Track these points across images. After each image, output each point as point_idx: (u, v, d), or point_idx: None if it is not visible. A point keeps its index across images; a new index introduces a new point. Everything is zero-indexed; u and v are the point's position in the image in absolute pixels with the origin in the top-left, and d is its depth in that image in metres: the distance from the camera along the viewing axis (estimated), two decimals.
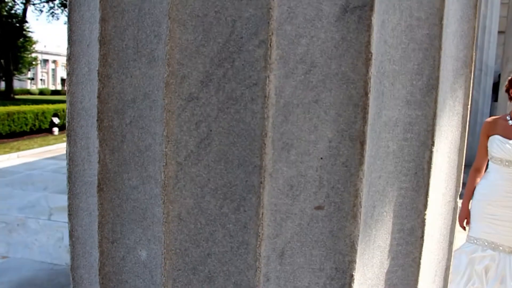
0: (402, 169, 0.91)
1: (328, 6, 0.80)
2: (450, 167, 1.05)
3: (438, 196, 1.03)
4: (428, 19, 0.89)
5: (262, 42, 0.79)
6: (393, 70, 0.86)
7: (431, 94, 0.90)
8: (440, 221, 1.06)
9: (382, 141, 0.87)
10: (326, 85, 0.81)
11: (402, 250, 0.95)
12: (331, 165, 0.83)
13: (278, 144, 0.82)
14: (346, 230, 0.85)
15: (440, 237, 1.07)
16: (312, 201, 0.84)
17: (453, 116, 1.03)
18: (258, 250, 0.84)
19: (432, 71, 0.90)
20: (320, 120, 0.82)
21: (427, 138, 0.91)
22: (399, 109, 0.88)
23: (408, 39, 0.88)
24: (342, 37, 0.81)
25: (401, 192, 0.92)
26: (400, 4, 0.86)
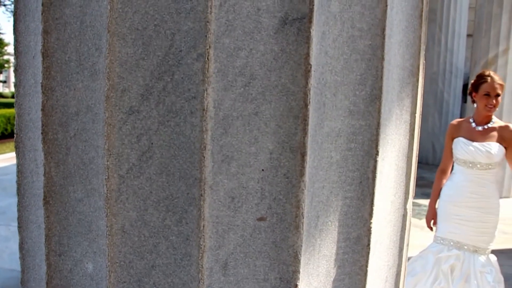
0: (346, 178, 0.92)
1: (267, 19, 0.81)
2: (398, 174, 1.06)
3: (386, 203, 1.05)
4: (370, 29, 0.90)
5: (200, 55, 0.79)
6: (335, 81, 0.87)
7: (374, 104, 0.91)
8: (389, 228, 1.07)
9: (324, 152, 0.87)
10: (266, 97, 0.82)
11: (349, 258, 0.96)
12: (273, 177, 0.84)
13: (218, 156, 0.82)
14: (289, 240, 0.86)
15: (390, 243, 1.08)
16: (254, 213, 0.85)
17: (401, 125, 1.04)
18: (201, 261, 0.84)
19: (375, 81, 0.91)
20: (261, 132, 0.82)
21: (371, 147, 0.92)
22: (342, 119, 0.89)
23: (350, 50, 0.88)
24: (281, 49, 0.81)
25: (346, 201, 0.93)
26: (341, 15, 0.87)
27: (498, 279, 3.21)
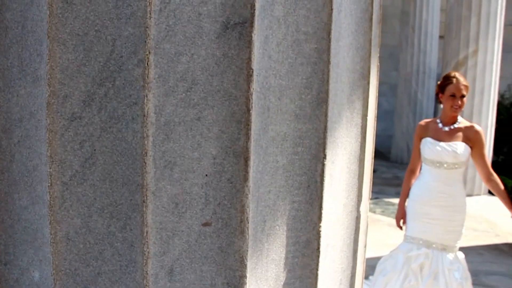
0: (293, 182, 0.92)
1: (209, 23, 0.81)
2: (350, 177, 1.07)
3: (338, 206, 1.05)
4: (316, 33, 0.90)
5: (140, 61, 0.79)
6: (279, 85, 0.87)
7: (321, 108, 0.92)
8: (342, 230, 1.08)
9: (270, 156, 0.88)
10: (208, 102, 0.82)
11: (299, 262, 0.96)
12: (217, 182, 0.84)
13: (160, 162, 0.81)
14: (235, 245, 0.86)
15: (344, 246, 1.09)
16: (199, 218, 0.84)
17: (352, 128, 1.05)
18: (145, 268, 0.83)
19: (321, 84, 0.91)
20: (203, 137, 0.82)
21: (319, 151, 0.93)
22: (288, 123, 0.89)
23: (295, 54, 0.89)
24: (223, 53, 0.81)
25: (294, 205, 0.93)
26: (285, 19, 0.87)
27: (465, 275, 3.26)
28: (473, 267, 5.14)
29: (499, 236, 6.26)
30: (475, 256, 5.52)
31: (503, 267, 5.13)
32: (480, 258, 5.44)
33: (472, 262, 5.32)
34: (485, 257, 5.48)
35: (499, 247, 5.84)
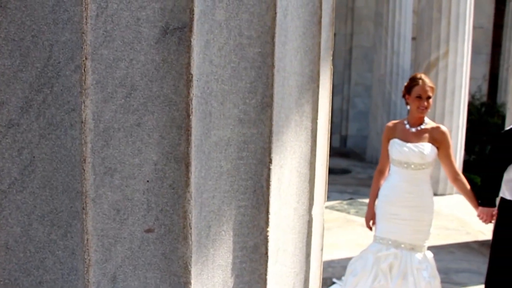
0: (239, 187, 0.92)
1: (148, 28, 0.80)
2: (301, 181, 1.07)
3: (289, 211, 1.05)
4: (260, 37, 0.90)
5: (77, 67, 0.78)
6: (222, 89, 0.87)
7: (266, 112, 0.92)
8: (293, 235, 1.08)
9: (213, 161, 0.87)
10: (148, 108, 0.81)
11: (247, 267, 0.96)
12: (158, 188, 0.83)
13: (100, 169, 0.80)
14: (179, 251, 0.85)
15: (296, 250, 1.09)
16: (141, 224, 0.84)
17: (301, 131, 1.05)
18: (87, 276, 0.82)
19: (265, 89, 0.91)
20: (144, 143, 0.81)
21: (264, 155, 0.93)
22: (232, 128, 0.89)
23: (238, 58, 0.88)
24: (163, 59, 0.81)
25: (240, 210, 0.93)
26: (227, 23, 0.87)
27: (433, 274, 3.30)
28: (444, 265, 5.21)
29: (470, 234, 6.35)
30: (446, 254, 5.59)
31: (473, 265, 5.20)
32: (451, 256, 5.51)
33: (443, 260, 5.39)
34: (455, 255, 5.55)
35: (470, 245, 5.93)
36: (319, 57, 1.07)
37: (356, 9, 15.06)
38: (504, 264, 3.45)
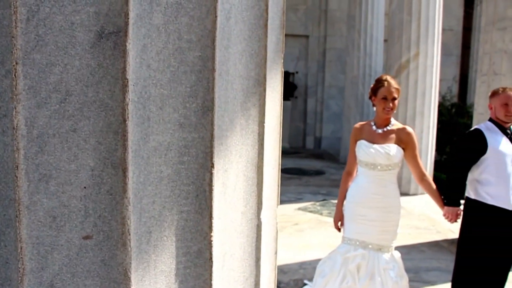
0: (180, 192, 0.91)
1: (82, 33, 0.79)
2: (248, 185, 1.07)
3: (236, 215, 1.05)
4: (200, 41, 0.90)
5: (8, 72, 0.76)
6: (161, 94, 0.86)
7: (207, 116, 0.91)
8: (242, 239, 1.07)
9: (152, 167, 0.86)
10: (84, 113, 0.80)
11: (191, 272, 0.95)
12: (96, 194, 0.82)
13: (34, 175, 0.79)
14: (118, 258, 0.84)
15: (245, 255, 1.09)
16: (79, 231, 0.82)
17: (247, 135, 1.05)
18: (21, 285, 0.81)
19: (206, 93, 0.91)
20: (80, 149, 0.80)
21: (206, 160, 0.92)
22: (172, 132, 0.88)
23: (177, 62, 0.88)
24: (98, 63, 0.80)
25: (182, 215, 0.92)
26: (166, 27, 0.86)
27: (400, 274, 3.33)
28: (415, 264, 5.27)
29: (440, 233, 6.43)
30: (416, 253, 5.66)
31: (442, 263, 5.27)
32: (421, 255, 5.58)
33: (413, 259, 5.45)
34: (426, 254, 5.62)
35: (439, 244, 6.00)
36: (266, 60, 1.07)
37: (329, 12, 15.17)
38: (470, 262, 3.50)
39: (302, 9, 15.24)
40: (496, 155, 3.38)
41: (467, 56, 14.69)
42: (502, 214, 3.40)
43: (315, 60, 15.28)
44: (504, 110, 3.41)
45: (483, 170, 3.43)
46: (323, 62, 15.20)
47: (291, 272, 4.83)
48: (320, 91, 15.23)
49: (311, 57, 15.30)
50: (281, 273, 4.80)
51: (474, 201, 3.48)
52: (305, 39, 15.34)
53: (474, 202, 3.48)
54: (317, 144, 15.30)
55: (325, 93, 15.17)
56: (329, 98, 15.19)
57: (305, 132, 15.45)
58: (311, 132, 15.37)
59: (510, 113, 3.40)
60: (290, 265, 5.01)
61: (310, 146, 15.33)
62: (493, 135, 3.43)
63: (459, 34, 15.55)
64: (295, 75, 15.39)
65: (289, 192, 8.59)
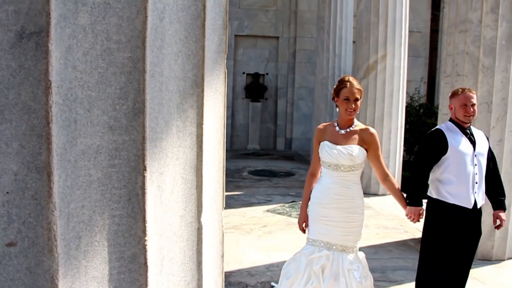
0: (112, 196, 0.89)
1: (1, 33, 0.77)
2: (187, 188, 1.05)
3: (175, 218, 1.03)
4: (130, 41, 0.88)
5: None
6: (88, 96, 0.84)
7: (138, 118, 0.90)
8: (182, 243, 1.06)
9: (81, 170, 0.84)
10: (5, 116, 0.77)
11: (126, 278, 0.93)
12: (20, 199, 0.80)
13: None
14: (44, 265, 0.82)
15: (185, 259, 1.07)
16: (2, 238, 0.80)
17: (185, 137, 1.03)
18: None
19: (137, 94, 0.89)
20: (2, 153, 0.78)
21: (138, 163, 0.90)
22: (101, 135, 0.86)
23: (106, 63, 0.86)
24: (19, 65, 0.77)
25: (114, 219, 0.90)
26: (93, 27, 0.84)
27: (364, 274, 3.35)
28: (382, 264, 5.32)
29: (408, 233, 6.50)
30: (384, 253, 5.71)
31: (409, 262, 5.32)
32: (389, 255, 5.63)
33: (381, 259, 5.50)
34: (393, 254, 5.68)
35: (407, 243, 6.07)
36: (204, 61, 1.05)
37: (299, 13, 15.24)
38: (433, 261, 3.54)
39: (272, 11, 15.28)
40: (457, 155, 3.43)
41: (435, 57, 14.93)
42: (463, 212, 3.45)
43: (285, 61, 15.32)
44: (463, 111, 3.46)
45: (444, 170, 3.47)
46: (293, 64, 15.26)
47: (259, 274, 4.82)
48: (290, 92, 15.28)
49: (281, 59, 15.35)
50: (249, 276, 4.79)
51: (435, 200, 3.52)
52: (275, 40, 15.39)
53: (435, 201, 3.52)
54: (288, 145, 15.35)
55: (295, 95, 15.23)
56: (299, 99, 15.26)
57: (276, 133, 15.48)
58: (281, 133, 15.41)
59: (469, 114, 3.46)
60: (258, 268, 5.00)
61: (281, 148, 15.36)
62: (454, 135, 3.48)
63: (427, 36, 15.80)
64: (265, 76, 15.42)
65: (259, 194, 8.60)
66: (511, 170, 5.44)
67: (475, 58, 5.38)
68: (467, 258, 3.57)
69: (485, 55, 5.33)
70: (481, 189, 3.51)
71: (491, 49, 5.30)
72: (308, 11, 15.19)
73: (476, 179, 3.47)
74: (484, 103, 5.36)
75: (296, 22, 15.23)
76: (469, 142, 3.48)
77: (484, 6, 5.28)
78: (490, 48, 5.30)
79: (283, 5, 15.30)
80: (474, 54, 5.39)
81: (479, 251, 5.54)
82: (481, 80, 5.36)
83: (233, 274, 4.84)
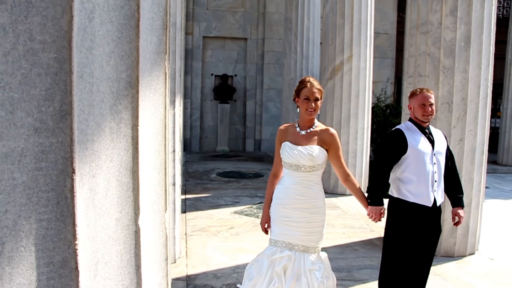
0: (39, 200, 0.87)
1: None
2: (122, 190, 1.03)
3: (110, 221, 1.01)
4: (55, 42, 0.86)
5: None
6: (10, 97, 0.82)
7: (65, 120, 0.87)
8: (118, 246, 1.04)
9: (4, 174, 0.82)
10: None
11: (56, 283, 0.91)
12: None
13: None
14: None
15: (122, 262, 1.05)
16: None
17: (119, 139, 1.01)
18: None
19: (64, 96, 0.87)
20: None
21: (66, 165, 0.88)
22: (26, 138, 0.84)
23: (30, 64, 0.84)
24: None
25: (42, 224, 0.88)
26: (14, 27, 0.82)
27: (326, 274, 3.36)
28: (347, 263, 5.36)
29: (374, 232, 6.57)
30: (350, 252, 5.75)
31: (374, 261, 5.37)
32: (355, 254, 5.68)
33: (347, 259, 5.54)
34: (359, 253, 5.73)
35: (373, 242, 6.13)
36: (138, 62, 1.04)
37: (267, 15, 15.28)
38: (395, 259, 3.59)
39: (240, 12, 15.28)
40: (416, 154, 3.48)
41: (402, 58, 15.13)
42: (423, 211, 3.50)
43: (253, 62, 15.35)
44: (422, 110, 3.51)
45: (404, 169, 3.52)
46: (261, 65, 15.30)
47: (224, 276, 4.80)
48: (259, 93, 15.31)
49: (249, 60, 15.36)
50: (215, 278, 4.77)
51: (396, 199, 3.56)
52: (244, 41, 15.40)
53: (396, 200, 3.56)
54: (257, 146, 15.36)
55: (264, 96, 15.27)
56: (268, 100, 15.29)
57: (245, 135, 15.49)
58: (251, 135, 15.42)
59: (427, 113, 3.51)
60: (224, 270, 4.99)
61: (250, 149, 15.37)
62: (413, 134, 3.53)
63: (394, 38, 16.03)
64: (233, 78, 15.41)
65: (227, 196, 8.58)
66: (471, 168, 5.55)
67: (436, 59, 5.47)
68: (428, 255, 3.63)
69: (445, 56, 5.43)
70: (440, 187, 3.57)
71: (451, 51, 5.40)
72: (276, 12, 15.25)
73: (435, 178, 3.52)
74: (445, 103, 5.46)
75: (264, 23, 15.27)
76: (428, 141, 3.54)
77: (444, 8, 5.37)
78: (450, 50, 5.40)
79: (251, 6, 15.32)
80: (435, 55, 5.48)
81: (442, 248, 5.64)
82: (442, 81, 5.45)
83: (199, 276, 4.81)
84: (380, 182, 3.56)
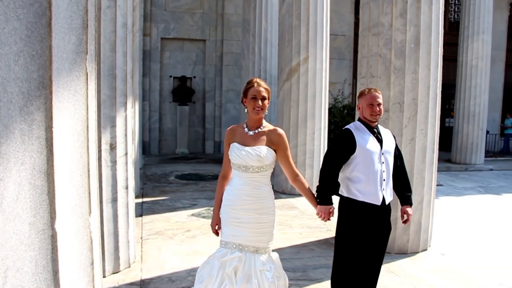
0: None
1: None
2: (36, 194, 1.00)
3: (22, 226, 0.98)
4: None
5: None
6: None
7: None
8: (32, 252, 1.00)
9: None
10: None
11: None
12: None
13: None
14: None
15: (38, 268, 1.02)
16: None
17: (31, 141, 0.98)
18: None
19: None
20: None
21: None
22: None
23: None
24: None
25: None
26: None
27: (277, 274, 3.37)
28: (303, 263, 5.39)
29: (330, 231, 6.63)
30: (306, 252, 5.79)
31: (330, 260, 5.40)
32: (310, 254, 5.72)
33: (302, 259, 5.57)
34: (315, 252, 5.77)
35: (329, 241, 6.19)
36: (51, 62, 1.01)
37: (226, 16, 15.27)
38: (346, 257, 3.62)
39: (199, 13, 15.23)
40: (365, 154, 3.52)
41: None
42: (373, 209, 3.54)
43: (212, 64, 15.31)
44: (370, 110, 3.56)
45: (353, 168, 3.56)
46: (220, 66, 15.28)
47: (179, 280, 4.76)
48: (218, 95, 15.28)
49: (208, 62, 15.32)
50: (169, 281, 4.72)
51: (346, 198, 3.60)
52: (202, 43, 15.35)
53: (346, 200, 3.60)
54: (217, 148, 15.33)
55: (223, 97, 15.25)
56: (227, 102, 15.28)
57: (205, 137, 15.44)
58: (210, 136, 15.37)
59: (375, 113, 3.56)
60: (179, 273, 4.94)
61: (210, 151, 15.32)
62: (361, 134, 3.57)
63: (351, 39, 16.25)
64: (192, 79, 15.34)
65: (185, 198, 8.52)
66: (422, 167, 5.67)
67: (387, 60, 5.57)
68: (379, 253, 3.68)
69: (396, 57, 5.53)
70: (388, 186, 3.62)
71: (401, 52, 5.50)
72: (235, 14, 15.26)
73: (383, 177, 3.57)
74: (397, 103, 5.56)
75: (223, 25, 15.26)
76: (376, 140, 3.59)
77: (394, 10, 5.47)
78: (400, 51, 5.50)
79: (210, 8, 15.29)
80: (386, 56, 5.57)
81: (396, 246, 5.74)
82: (393, 81, 5.55)
83: (153, 281, 4.75)
84: (329, 182, 3.59)
